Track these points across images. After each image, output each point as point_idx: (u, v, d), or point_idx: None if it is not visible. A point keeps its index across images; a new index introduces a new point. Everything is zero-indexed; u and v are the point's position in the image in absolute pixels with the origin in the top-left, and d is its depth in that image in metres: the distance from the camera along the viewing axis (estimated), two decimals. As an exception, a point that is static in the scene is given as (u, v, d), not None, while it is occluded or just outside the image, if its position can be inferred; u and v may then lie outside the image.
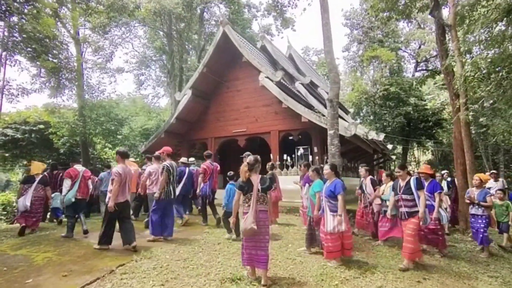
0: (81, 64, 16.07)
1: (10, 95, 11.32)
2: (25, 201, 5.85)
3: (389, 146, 15.86)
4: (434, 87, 21.95)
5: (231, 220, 3.66)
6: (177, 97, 12.00)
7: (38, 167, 6.53)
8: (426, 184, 4.93)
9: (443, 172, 10.04)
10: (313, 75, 16.95)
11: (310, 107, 9.97)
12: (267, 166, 5.93)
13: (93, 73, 19.87)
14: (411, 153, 30.91)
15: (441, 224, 4.93)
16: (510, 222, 5.46)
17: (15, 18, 9.29)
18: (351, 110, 23.58)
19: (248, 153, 5.40)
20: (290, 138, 10.48)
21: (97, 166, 14.19)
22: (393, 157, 24.09)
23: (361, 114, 25.81)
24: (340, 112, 12.82)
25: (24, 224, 5.82)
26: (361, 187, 6.06)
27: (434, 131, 22.64)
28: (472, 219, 5.20)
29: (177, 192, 5.76)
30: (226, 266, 3.79)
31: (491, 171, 8.79)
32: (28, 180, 6.24)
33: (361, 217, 6.09)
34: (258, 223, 3.18)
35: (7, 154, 16.70)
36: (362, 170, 6.13)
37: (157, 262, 3.92)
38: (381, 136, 14.28)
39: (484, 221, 5.01)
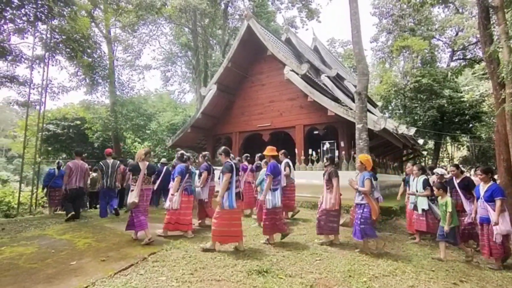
0: (112, 62, 16.89)
1: (52, 93, 12.26)
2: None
3: (420, 141, 14.98)
4: (472, 78, 20.28)
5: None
6: (203, 92, 12.20)
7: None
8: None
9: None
10: (339, 67, 16.39)
11: (336, 100, 9.67)
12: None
13: (124, 70, 20.84)
14: (444, 149, 29.04)
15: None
16: (446, 228, 4.19)
17: (55, 21, 9.94)
18: (379, 104, 22.59)
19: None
20: (316, 132, 10.27)
21: (127, 160, 14.93)
22: (424, 152, 22.79)
23: (390, 107, 24.59)
24: (368, 106, 12.32)
25: None
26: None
27: (471, 125, 21.03)
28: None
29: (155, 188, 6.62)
30: (253, 259, 3.81)
31: None
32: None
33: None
34: (141, 198, 4.42)
35: (50, 148, 18.08)
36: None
37: (186, 252, 4.04)
38: (412, 131, 13.53)
39: (361, 210, 4.36)
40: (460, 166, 5.88)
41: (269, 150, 4.91)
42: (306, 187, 8.94)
